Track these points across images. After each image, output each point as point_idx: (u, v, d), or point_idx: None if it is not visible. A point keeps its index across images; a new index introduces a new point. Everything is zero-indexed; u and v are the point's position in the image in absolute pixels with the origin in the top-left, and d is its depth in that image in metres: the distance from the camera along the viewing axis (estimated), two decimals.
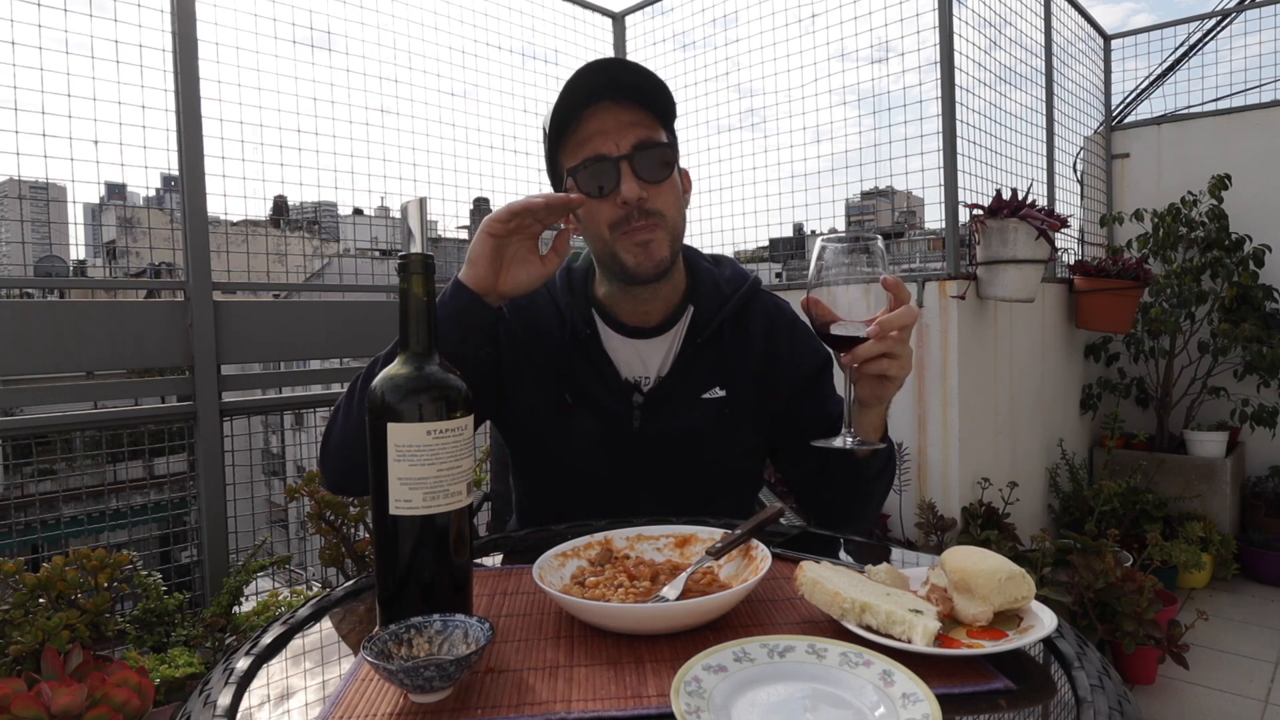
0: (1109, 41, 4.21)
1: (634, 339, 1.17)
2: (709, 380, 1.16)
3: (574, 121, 1.06)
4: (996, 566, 0.67)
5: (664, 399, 1.15)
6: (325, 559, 2.00)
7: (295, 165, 2.31)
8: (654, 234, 1.06)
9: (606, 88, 1.05)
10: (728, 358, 1.17)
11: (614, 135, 1.04)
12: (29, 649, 1.42)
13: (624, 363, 1.17)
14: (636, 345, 1.17)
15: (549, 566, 0.79)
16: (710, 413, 1.15)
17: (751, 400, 1.17)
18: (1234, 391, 3.51)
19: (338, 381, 2.61)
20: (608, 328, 1.18)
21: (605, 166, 1.04)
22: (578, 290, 1.20)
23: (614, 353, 1.17)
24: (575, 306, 1.17)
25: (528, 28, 3.02)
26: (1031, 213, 2.56)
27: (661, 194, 1.07)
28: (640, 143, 1.05)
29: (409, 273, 0.69)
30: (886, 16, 2.80)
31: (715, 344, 1.17)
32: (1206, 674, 2.53)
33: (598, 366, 1.15)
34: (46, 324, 1.83)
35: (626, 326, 1.18)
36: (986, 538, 2.49)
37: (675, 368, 1.15)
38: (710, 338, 1.16)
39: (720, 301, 1.18)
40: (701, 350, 1.16)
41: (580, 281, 1.21)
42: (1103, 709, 0.55)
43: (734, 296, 1.19)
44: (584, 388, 1.15)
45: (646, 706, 0.57)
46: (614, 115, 1.05)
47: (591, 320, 1.18)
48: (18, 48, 1.81)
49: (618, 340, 1.18)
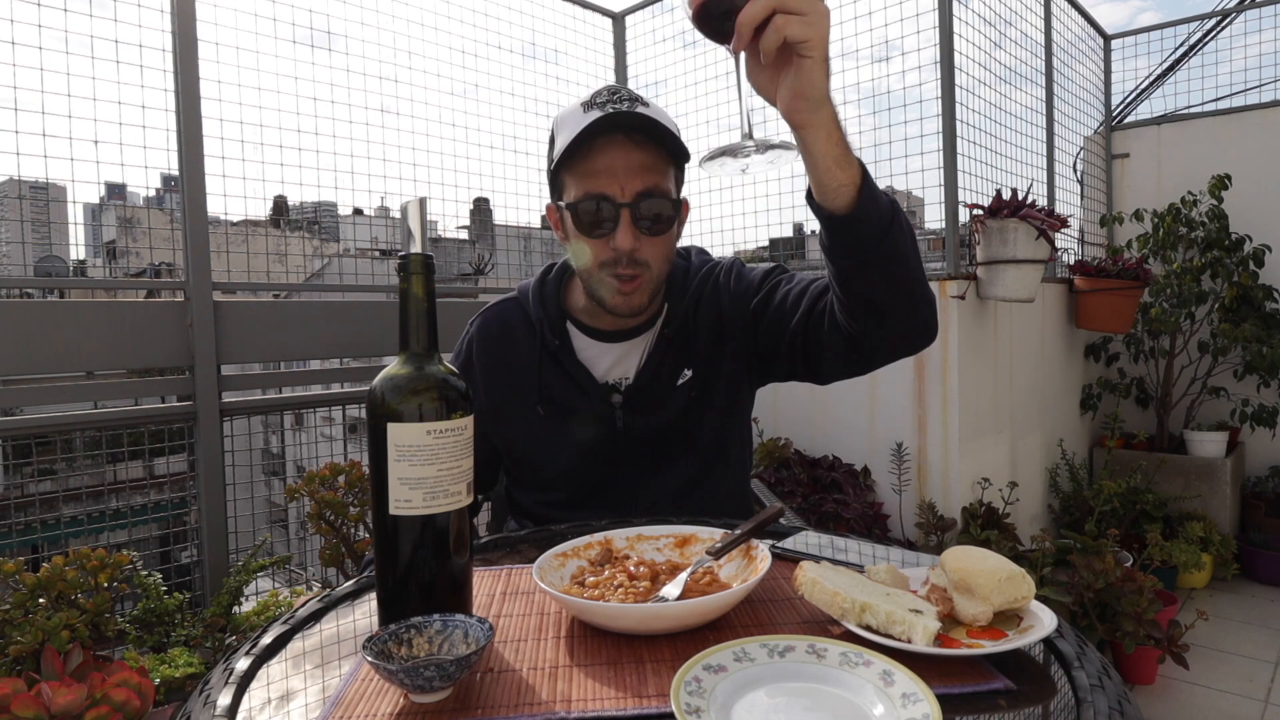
0: (1109, 41, 4.21)
1: (612, 343, 1.18)
2: (679, 366, 1.18)
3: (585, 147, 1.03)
4: (996, 566, 0.67)
5: (642, 395, 1.16)
6: (325, 559, 2.00)
7: (295, 165, 2.31)
8: (637, 284, 1.08)
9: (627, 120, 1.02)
10: (691, 340, 1.18)
11: (621, 177, 1.03)
12: (29, 649, 1.42)
13: (602, 367, 1.18)
14: (615, 349, 1.18)
15: (549, 566, 0.79)
16: (683, 397, 1.16)
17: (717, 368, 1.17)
18: (1234, 391, 3.51)
19: (338, 382, 2.61)
20: (584, 334, 1.19)
21: (606, 209, 1.03)
22: (550, 301, 1.20)
23: (591, 360, 1.18)
24: (547, 318, 1.18)
25: (528, 27, 3.02)
26: (1031, 213, 2.56)
27: (654, 246, 1.07)
28: (645, 191, 1.04)
29: (409, 273, 0.69)
30: (887, 16, 2.79)
31: (683, 331, 1.19)
32: (1206, 674, 2.53)
33: (571, 374, 1.16)
34: (46, 324, 1.83)
35: (604, 332, 1.19)
36: (986, 538, 2.49)
37: (649, 363, 1.16)
38: (679, 327, 1.18)
39: (685, 294, 1.19)
40: (672, 341, 1.18)
41: (553, 292, 1.21)
42: (1103, 709, 0.55)
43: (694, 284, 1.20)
44: (558, 398, 1.17)
45: (646, 706, 0.57)
46: (625, 155, 1.03)
47: (564, 330, 1.19)
48: (18, 47, 1.81)
49: (596, 348, 1.18)
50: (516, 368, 1.19)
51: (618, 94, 1.05)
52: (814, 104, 0.75)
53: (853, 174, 0.82)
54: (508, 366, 1.20)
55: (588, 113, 1.03)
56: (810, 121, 0.77)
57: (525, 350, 1.19)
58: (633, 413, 1.16)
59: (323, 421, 2.81)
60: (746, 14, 0.69)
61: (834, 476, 2.68)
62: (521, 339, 1.20)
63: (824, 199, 0.84)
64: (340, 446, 2.60)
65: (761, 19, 0.69)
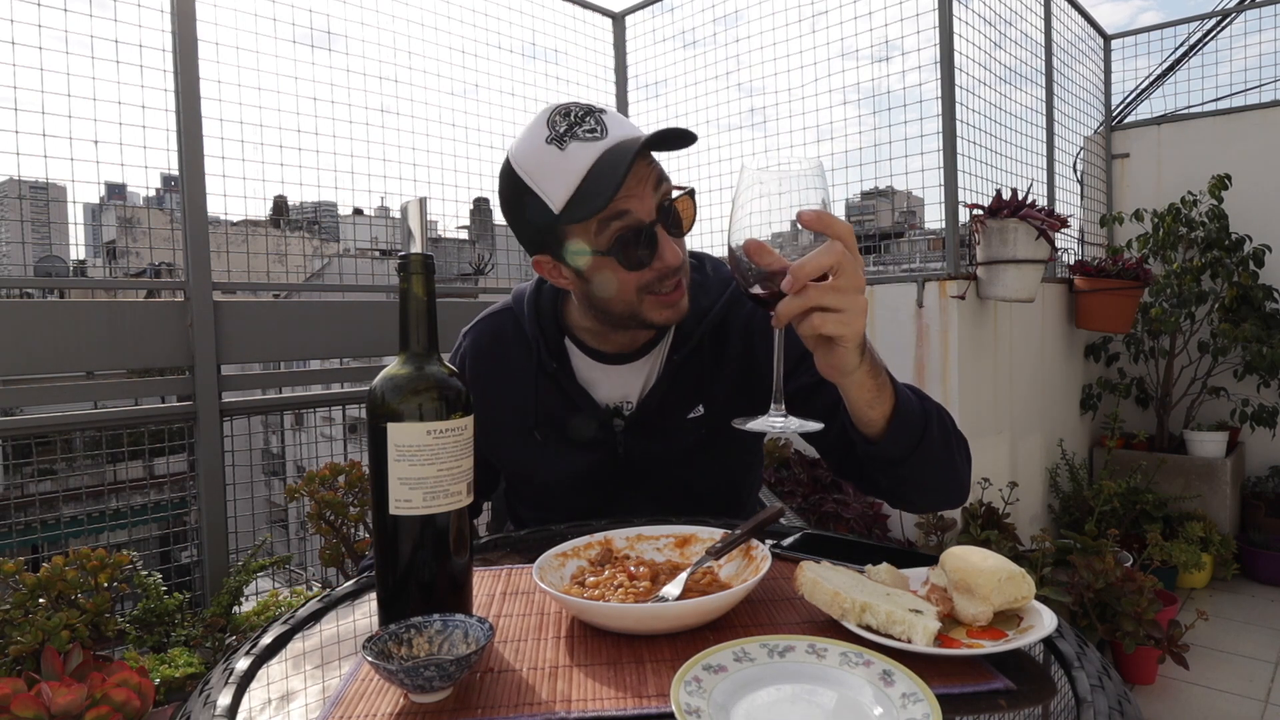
0: (1109, 41, 4.21)
1: (614, 365, 1.10)
2: (691, 398, 1.08)
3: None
4: (996, 566, 0.67)
5: (646, 423, 1.08)
6: (325, 559, 2.00)
7: (295, 165, 2.31)
8: (681, 291, 0.99)
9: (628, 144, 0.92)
10: (707, 371, 1.08)
11: (639, 197, 0.93)
12: (29, 649, 1.42)
13: (603, 389, 1.10)
14: (617, 371, 1.10)
15: (549, 566, 0.79)
16: (692, 433, 1.08)
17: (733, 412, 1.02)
18: (1234, 391, 3.51)
19: (338, 382, 2.61)
20: (585, 356, 1.10)
21: (644, 237, 0.93)
22: (546, 318, 1.12)
23: (592, 382, 1.10)
24: (544, 338, 1.10)
25: (528, 27, 3.02)
26: (1031, 213, 2.56)
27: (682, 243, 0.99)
28: (665, 194, 0.95)
29: (409, 273, 0.69)
30: (887, 16, 2.80)
31: (696, 358, 1.09)
32: (1206, 674, 2.53)
33: (570, 398, 1.09)
34: (46, 324, 1.83)
35: (606, 354, 1.10)
36: (986, 538, 2.49)
37: (655, 390, 1.08)
38: (691, 353, 1.08)
39: (701, 313, 1.08)
40: (681, 368, 1.08)
41: (550, 308, 1.13)
42: (1103, 709, 0.55)
43: (715, 306, 1.09)
44: (556, 421, 1.09)
45: (646, 706, 0.57)
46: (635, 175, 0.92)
47: (562, 351, 1.11)
48: (18, 47, 1.81)
49: (598, 369, 1.10)
50: (511, 387, 1.11)
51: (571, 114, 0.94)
52: (845, 372, 0.79)
53: (884, 410, 0.85)
54: (502, 386, 1.11)
55: (565, 148, 0.91)
56: (842, 383, 0.81)
57: (520, 369, 1.11)
58: (635, 439, 1.08)
59: (323, 421, 2.81)
60: (785, 308, 0.71)
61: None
62: (516, 356, 1.12)
63: (857, 424, 0.88)
64: (340, 446, 2.60)
65: (799, 314, 0.72)
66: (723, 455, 1.12)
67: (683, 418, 1.09)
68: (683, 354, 1.08)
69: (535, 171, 0.94)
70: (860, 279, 0.72)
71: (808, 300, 0.71)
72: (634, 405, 1.10)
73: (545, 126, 0.93)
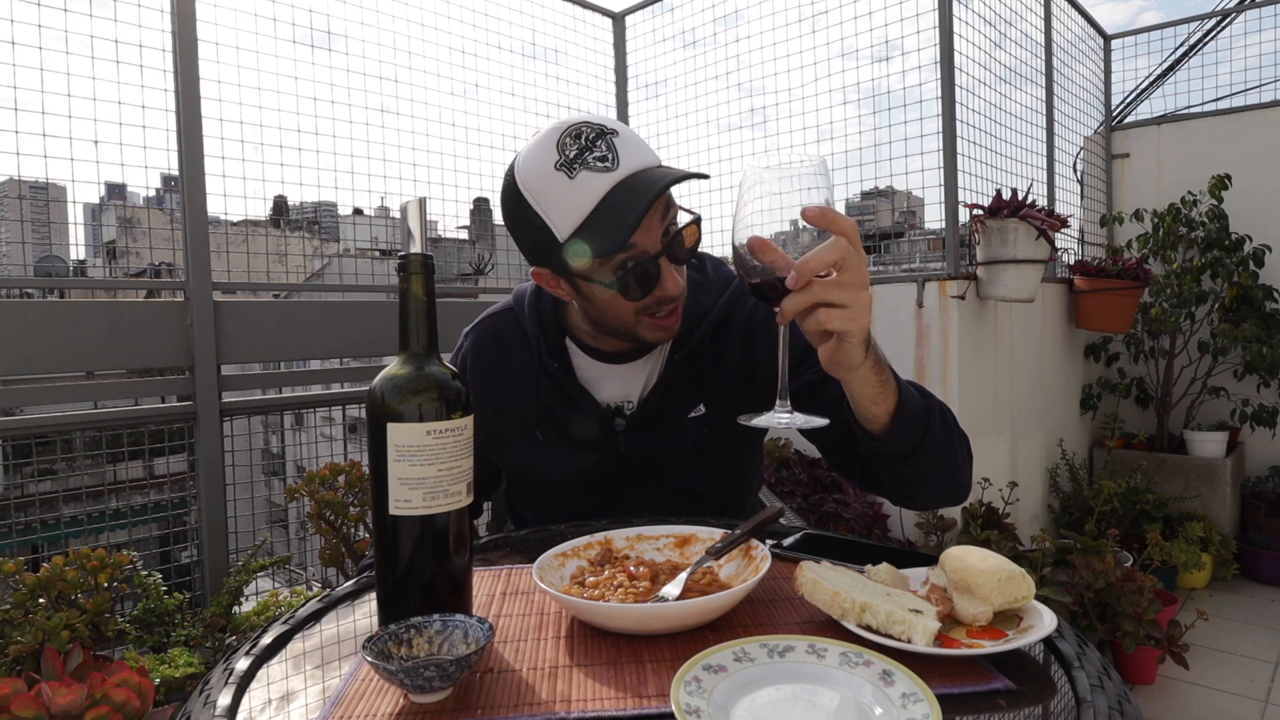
0: (1109, 41, 4.21)
1: (615, 364, 1.10)
2: (692, 398, 1.09)
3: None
4: (996, 566, 0.67)
5: (647, 422, 1.09)
6: (325, 559, 2.00)
7: (295, 165, 2.31)
8: (677, 315, 1.00)
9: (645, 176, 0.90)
10: (708, 371, 1.09)
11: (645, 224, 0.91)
12: (29, 649, 1.42)
13: (604, 389, 1.10)
14: (618, 371, 1.10)
15: (549, 566, 0.79)
16: (693, 433, 1.09)
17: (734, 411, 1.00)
18: (1234, 391, 3.51)
19: (338, 382, 2.61)
20: (586, 355, 1.11)
21: (648, 266, 0.92)
22: (547, 318, 1.12)
23: (593, 381, 1.10)
24: (545, 338, 1.10)
25: (528, 27, 3.02)
26: (1031, 213, 2.56)
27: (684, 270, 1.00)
28: (672, 220, 0.94)
29: (409, 273, 0.69)
30: (887, 16, 2.80)
31: (697, 358, 1.09)
32: (1206, 674, 2.53)
33: (572, 397, 1.09)
34: (46, 324, 1.83)
35: (606, 354, 1.10)
36: (986, 538, 2.49)
37: (656, 389, 1.08)
38: (691, 352, 1.08)
39: (701, 313, 1.09)
40: (682, 367, 1.08)
41: (550, 308, 1.13)
42: (1103, 709, 0.55)
43: (715, 306, 1.10)
44: (558, 421, 1.10)
45: (646, 706, 0.57)
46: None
47: (563, 351, 1.11)
48: (18, 47, 1.81)
49: (599, 369, 1.10)
50: (512, 388, 1.11)
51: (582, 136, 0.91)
52: (850, 368, 0.79)
53: (888, 406, 0.85)
54: (503, 386, 1.12)
55: (575, 176, 0.89)
56: (846, 378, 0.82)
57: (521, 369, 1.11)
58: (636, 438, 1.09)
59: (323, 421, 2.81)
60: (790, 304, 0.71)
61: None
62: (517, 356, 1.12)
63: (860, 420, 0.88)
64: (340, 446, 2.60)
65: (804, 310, 0.72)
66: (723, 455, 1.12)
67: (684, 417, 1.09)
68: (683, 353, 1.08)
69: (541, 196, 0.92)
70: (865, 274, 0.72)
71: (813, 296, 0.71)
72: (635, 405, 1.10)
73: (555, 150, 0.90)
